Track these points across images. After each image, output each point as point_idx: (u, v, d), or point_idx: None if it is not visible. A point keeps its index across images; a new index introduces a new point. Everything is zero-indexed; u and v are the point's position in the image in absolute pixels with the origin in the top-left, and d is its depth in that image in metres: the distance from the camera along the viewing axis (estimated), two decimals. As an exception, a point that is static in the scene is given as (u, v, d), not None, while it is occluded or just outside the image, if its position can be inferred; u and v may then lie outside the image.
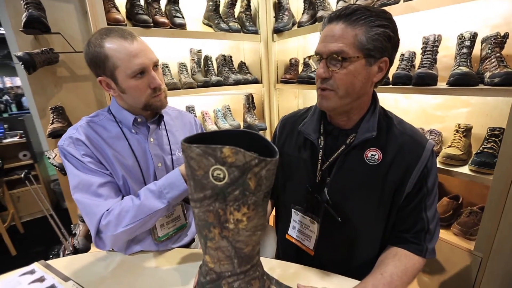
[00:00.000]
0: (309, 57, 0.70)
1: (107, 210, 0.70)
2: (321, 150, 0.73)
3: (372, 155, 0.68)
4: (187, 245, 0.93)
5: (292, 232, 0.81)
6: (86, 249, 1.40)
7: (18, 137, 2.79)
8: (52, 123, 1.39)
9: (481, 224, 0.98)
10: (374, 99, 0.72)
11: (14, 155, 2.75)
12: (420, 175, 0.67)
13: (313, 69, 1.62)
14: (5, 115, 4.08)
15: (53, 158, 1.39)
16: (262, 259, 0.76)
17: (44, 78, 1.51)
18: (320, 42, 0.65)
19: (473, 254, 1.01)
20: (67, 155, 0.74)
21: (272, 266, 0.74)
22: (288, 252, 0.87)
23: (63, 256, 1.41)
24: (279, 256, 0.95)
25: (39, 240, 2.37)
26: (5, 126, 2.91)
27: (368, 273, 0.70)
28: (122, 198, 0.75)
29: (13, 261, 2.13)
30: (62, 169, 1.34)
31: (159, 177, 0.80)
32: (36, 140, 2.78)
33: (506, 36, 0.96)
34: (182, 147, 0.40)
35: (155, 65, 0.77)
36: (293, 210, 0.80)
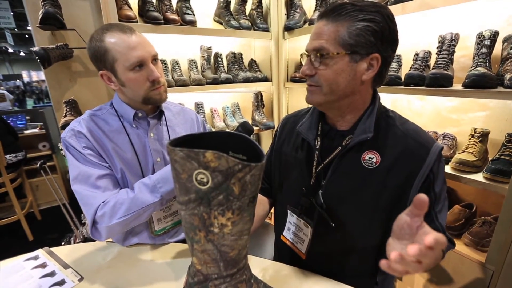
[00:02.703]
0: (301, 55, 0.69)
1: (103, 202, 0.72)
2: (317, 151, 0.70)
3: (369, 158, 0.64)
4: (183, 240, 0.94)
5: (287, 234, 0.79)
6: (93, 239, 1.45)
7: (38, 128, 2.93)
8: (65, 116, 1.44)
9: (494, 235, 0.92)
10: (374, 98, 0.68)
11: (34, 146, 2.90)
12: (425, 180, 0.62)
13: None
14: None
15: (65, 150, 1.44)
16: (256, 259, 0.76)
17: (60, 72, 1.56)
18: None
19: (484, 267, 0.96)
20: (68, 147, 0.76)
21: (265, 266, 0.73)
22: (283, 253, 0.85)
23: (74, 243, 1.47)
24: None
25: (55, 227, 2.48)
26: (27, 118, 3.06)
27: (361, 284, 0.67)
28: None
29: (29, 246, 2.24)
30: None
31: None
32: (55, 132, 2.90)
33: (530, 35, 0.89)
34: (167, 150, 0.40)
35: (154, 58, 0.78)
36: (288, 212, 0.78)
